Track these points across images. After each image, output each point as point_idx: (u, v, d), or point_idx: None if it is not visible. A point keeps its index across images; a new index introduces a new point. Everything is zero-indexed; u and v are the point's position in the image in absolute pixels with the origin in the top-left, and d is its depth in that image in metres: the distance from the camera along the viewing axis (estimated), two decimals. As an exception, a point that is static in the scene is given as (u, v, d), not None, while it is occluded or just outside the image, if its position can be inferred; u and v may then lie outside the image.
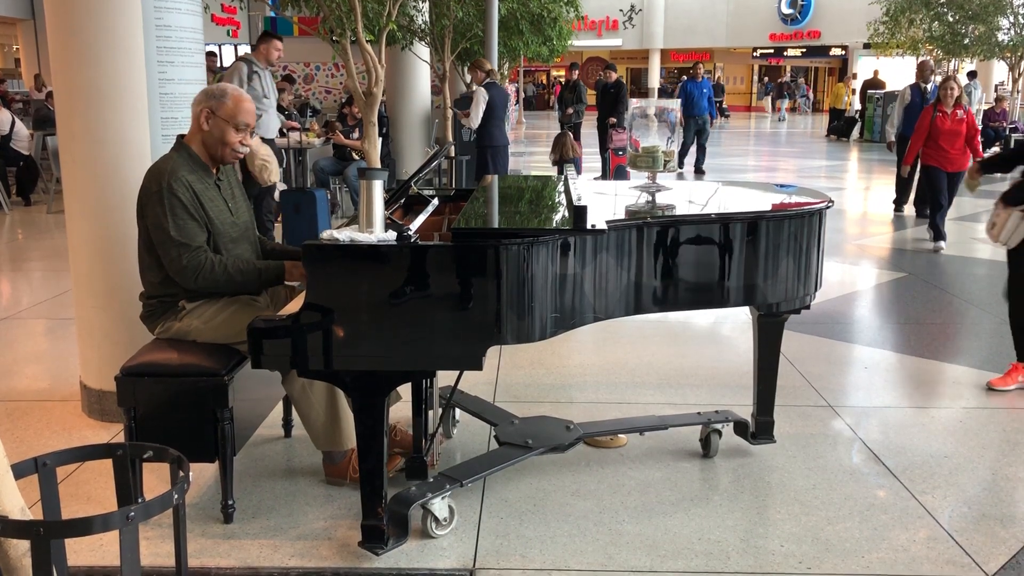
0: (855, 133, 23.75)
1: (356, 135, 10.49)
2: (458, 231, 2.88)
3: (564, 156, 10.05)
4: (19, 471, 2.39)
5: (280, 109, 13.11)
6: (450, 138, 11.76)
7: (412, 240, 2.89)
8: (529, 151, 19.16)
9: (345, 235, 2.87)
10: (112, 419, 4.22)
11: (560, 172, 9.67)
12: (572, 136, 10.46)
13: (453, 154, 11.55)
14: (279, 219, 8.77)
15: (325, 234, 2.87)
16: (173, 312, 3.43)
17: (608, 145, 12.84)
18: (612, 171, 12.51)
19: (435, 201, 3.87)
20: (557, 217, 3.24)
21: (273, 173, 5.60)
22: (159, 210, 3.23)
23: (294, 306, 3.15)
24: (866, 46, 30.05)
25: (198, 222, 3.27)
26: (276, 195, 8.32)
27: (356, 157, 10.45)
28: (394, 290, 2.84)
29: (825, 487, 3.73)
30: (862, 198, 12.50)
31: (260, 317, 2.95)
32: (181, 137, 3.46)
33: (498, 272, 2.86)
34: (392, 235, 2.89)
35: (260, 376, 3.57)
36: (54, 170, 11.37)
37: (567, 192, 3.66)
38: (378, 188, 2.96)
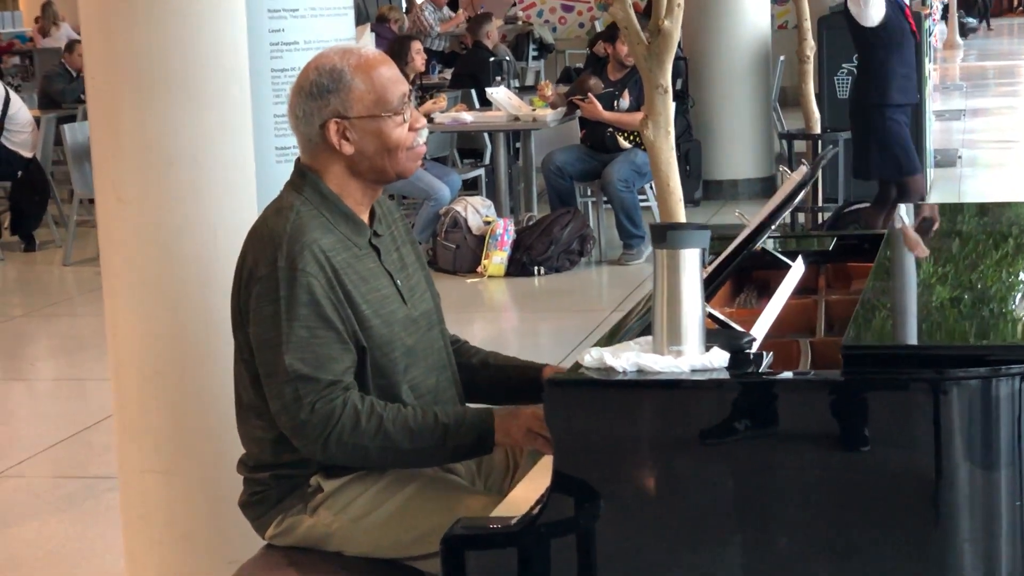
0: None
1: (626, 102, 9.99)
2: (855, 352, 2.78)
3: None
4: None
5: (478, 50, 12.94)
6: (811, 100, 10.76)
7: (758, 365, 2.82)
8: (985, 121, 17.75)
9: (626, 360, 2.79)
10: None
11: None
12: None
13: (819, 127, 10.60)
14: None
15: (589, 356, 2.82)
16: (300, 497, 3.30)
17: None
18: None
19: (798, 265, 3.69)
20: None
21: None
22: (268, 309, 3.16)
23: (528, 490, 3.06)
24: None
25: (339, 333, 3.18)
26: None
27: (626, 144, 9.96)
28: (728, 476, 2.77)
29: None
30: None
31: (464, 520, 2.91)
32: (303, 165, 3.37)
33: (945, 444, 2.68)
34: (719, 358, 2.79)
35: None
36: (76, 185, 10.72)
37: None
38: (692, 264, 2.79)
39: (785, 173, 3.48)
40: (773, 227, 3.48)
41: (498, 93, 10.69)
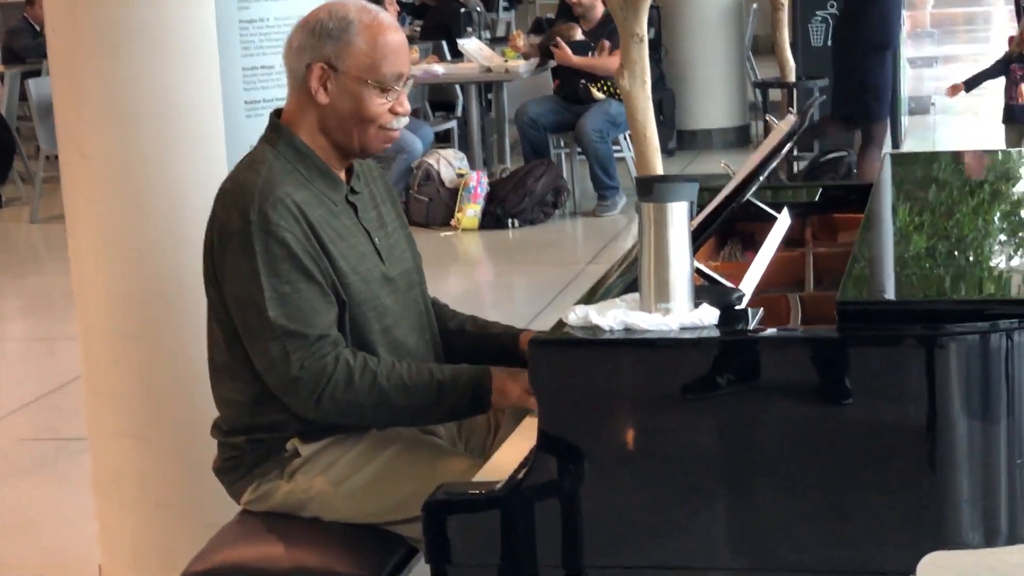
0: None
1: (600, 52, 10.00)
2: (850, 308, 2.73)
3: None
4: None
5: (448, 1, 12.91)
6: (786, 48, 10.83)
7: (748, 322, 2.79)
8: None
9: (613, 319, 2.74)
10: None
11: None
12: None
13: (794, 76, 10.70)
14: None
15: (573, 315, 2.77)
16: (276, 463, 3.28)
17: None
18: None
19: (784, 217, 3.66)
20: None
21: None
22: (245, 266, 3.10)
23: (511, 453, 3.03)
24: None
25: (320, 286, 3.13)
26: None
27: (600, 95, 10.02)
28: (719, 434, 2.75)
29: None
30: None
31: (446, 486, 2.89)
32: (278, 116, 3.31)
33: (941, 401, 2.66)
34: (709, 315, 2.74)
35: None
36: (42, 142, 10.72)
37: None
38: (680, 219, 2.72)
39: (772, 122, 3.42)
40: (762, 178, 3.44)
41: (469, 44, 10.68)
